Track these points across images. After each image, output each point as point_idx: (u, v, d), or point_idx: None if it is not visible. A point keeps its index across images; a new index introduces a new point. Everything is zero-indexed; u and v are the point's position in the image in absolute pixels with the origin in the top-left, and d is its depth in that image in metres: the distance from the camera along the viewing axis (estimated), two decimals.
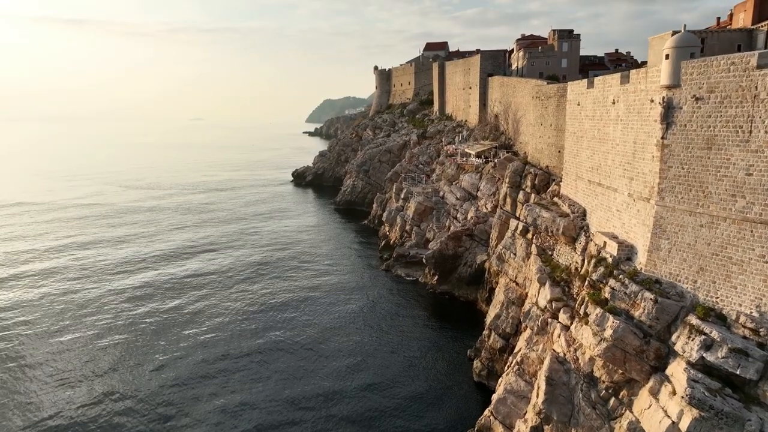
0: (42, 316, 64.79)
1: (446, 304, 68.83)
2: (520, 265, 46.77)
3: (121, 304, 69.33)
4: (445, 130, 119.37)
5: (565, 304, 36.63)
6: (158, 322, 63.09)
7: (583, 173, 40.35)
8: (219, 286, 75.80)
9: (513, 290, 47.48)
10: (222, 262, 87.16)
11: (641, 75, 31.34)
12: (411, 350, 55.51)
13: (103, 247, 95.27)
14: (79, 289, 74.44)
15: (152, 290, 73.99)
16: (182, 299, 70.73)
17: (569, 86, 44.40)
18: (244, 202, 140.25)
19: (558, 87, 55.22)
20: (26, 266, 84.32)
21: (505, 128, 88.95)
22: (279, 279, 78.80)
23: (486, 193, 77.48)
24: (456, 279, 71.45)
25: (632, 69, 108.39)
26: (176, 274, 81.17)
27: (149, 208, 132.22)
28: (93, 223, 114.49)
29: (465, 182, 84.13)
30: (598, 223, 37.05)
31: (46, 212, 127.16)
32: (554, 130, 55.87)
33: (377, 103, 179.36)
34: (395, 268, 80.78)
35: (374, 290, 74.00)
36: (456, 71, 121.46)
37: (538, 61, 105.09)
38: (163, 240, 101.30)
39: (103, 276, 79.72)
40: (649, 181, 30.21)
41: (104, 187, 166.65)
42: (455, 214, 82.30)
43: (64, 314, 65.53)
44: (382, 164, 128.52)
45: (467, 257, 71.93)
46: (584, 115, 40.28)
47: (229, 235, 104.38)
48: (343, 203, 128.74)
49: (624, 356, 28.25)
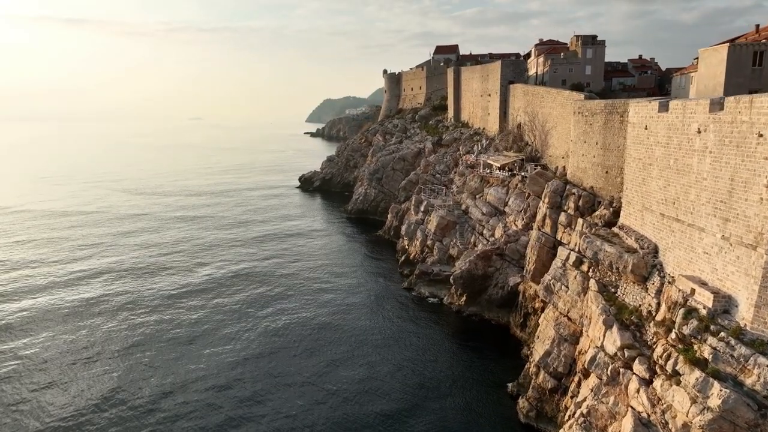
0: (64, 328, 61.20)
1: (476, 328, 65.33)
2: (573, 299, 43.22)
3: (115, 312, 66.93)
4: (462, 138, 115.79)
5: (640, 353, 33.10)
6: (136, 342, 59.58)
7: (653, 205, 36.79)
8: (224, 301, 71.93)
9: (565, 326, 43.93)
10: (228, 274, 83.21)
11: (743, 104, 27.73)
12: (441, 379, 52.04)
13: (105, 256, 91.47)
14: (81, 296, 70.76)
15: (138, 305, 70.66)
16: (179, 315, 67.25)
17: (632, 107, 40.80)
18: (250, 209, 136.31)
19: (606, 104, 51.64)
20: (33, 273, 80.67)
21: (531, 140, 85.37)
22: (290, 295, 75.04)
23: (515, 209, 73.91)
24: (486, 301, 67.91)
25: (657, 75, 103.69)
26: (169, 289, 77.57)
27: (152, 216, 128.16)
28: (96, 230, 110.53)
29: (490, 196, 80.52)
30: (677, 264, 33.50)
31: (50, 218, 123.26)
32: (601, 149, 52.32)
33: (387, 108, 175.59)
34: (418, 287, 77.22)
35: (396, 310, 70.45)
36: (473, 77, 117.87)
37: (561, 68, 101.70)
38: (160, 253, 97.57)
39: (105, 283, 76.07)
40: (756, 225, 26.66)
41: (106, 192, 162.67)
42: (481, 230, 78.74)
43: (79, 324, 61.91)
44: (395, 172, 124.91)
45: (498, 278, 68.37)
46: (654, 141, 36.72)
47: (235, 245, 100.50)
48: (355, 212, 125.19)
49: (734, 429, 24.75)
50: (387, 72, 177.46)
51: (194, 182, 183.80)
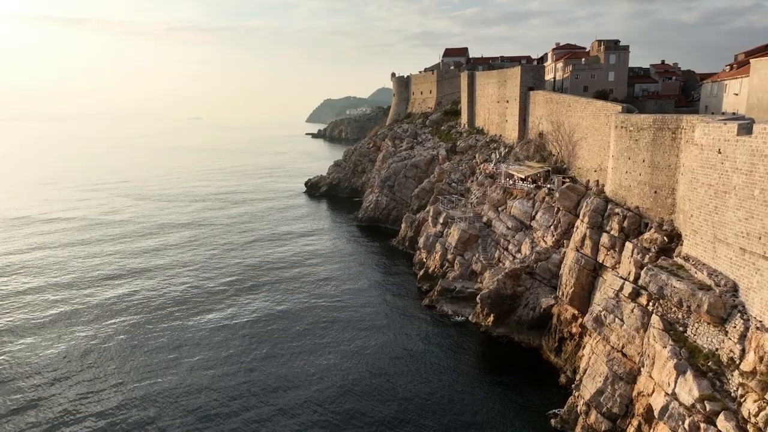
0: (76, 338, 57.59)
1: (505, 351, 61.84)
2: (630, 334, 39.69)
3: (130, 323, 62.63)
4: (478, 145, 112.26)
5: (724, 406, 29.65)
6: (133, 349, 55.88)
7: (729, 237, 33.31)
8: (230, 323, 68.08)
9: (619, 363, 40.43)
10: (235, 291, 79.45)
11: None
12: (477, 409, 48.70)
13: (107, 265, 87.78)
14: (88, 303, 67.17)
15: (138, 313, 66.87)
16: (174, 338, 63.47)
17: (698, 126, 37.27)
18: (257, 217, 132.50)
19: (654, 119, 48.16)
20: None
21: (556, 150, 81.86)
22: (302, 315, 71.47)
23: (543, 224, 70.45)
24: (515, 322, 64.40)
25: (681, 82, 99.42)
26: (171, 297, 74.50)
27: (156, 224, 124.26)
28: (100, 238, 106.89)
29: (515, 209, 77.04)
30: (766, 308, 30.01)
31: (53, 225, 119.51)
32: (648, 167, 48.84)
33: (395, 111, 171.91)
34: (440, 304, 73.64)
35: (420, 330, 66.86)
36: (489, 83, 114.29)
37: (582, 74, 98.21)
38: (168, 258, 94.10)
39: (102, 285, 72.50)
40: None
41: (109, 198, 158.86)
42: (506, 245, 75.25)
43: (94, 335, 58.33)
44: (407, 179, 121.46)
45: (528, 298, 64.86)
46: (731, 167, 33.24)
47: (243, 258, 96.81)
48: (366, 220, 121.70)
49: None
50: (395, 75, 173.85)
51: (197, 187, 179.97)
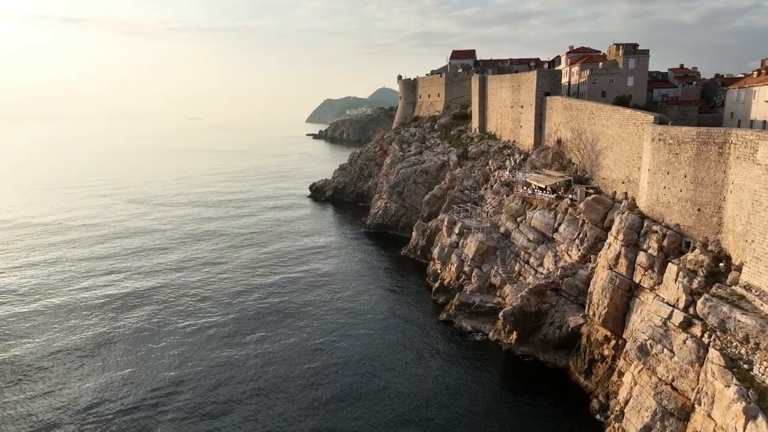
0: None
1: (530, 371, 58.81)
2: (683, 368, 36.77)
3: (135, 336, 59.57)
4: (491, 151, 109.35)
5: None
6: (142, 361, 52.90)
7: None
8: (235, 340, 64.91)
9: (669, 397, 37.51)
10: (240, 304, 76.23)
11: None
12: None
13: (107, 273, 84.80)
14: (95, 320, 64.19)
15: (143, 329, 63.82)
16: (183, 354, 60.44)
17: (763, 145, 34.39)
18: (261, 222, 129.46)
19: (698, 132, 45.26)
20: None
21: (577, 159, 78.96)
22: (312, 325, 68.70)
23: (567, 237, 67.55)
24: (540, 341, 61.42)
25: (702, 87, 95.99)
26: (167, 318, 71.45)
27: (159, 230, 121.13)
28: (104, 246, 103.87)
29: (536, 221, 74.12)
30: None
31: (54, 234, 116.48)
32: (691, 183, 45.96)
33: (402, 115, 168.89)
34: (458, 319, 70.65)
35: (438, 349, 63.66)
36: (501, 87, 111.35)
37: (600, 79, 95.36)
38: (168, 265, 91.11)
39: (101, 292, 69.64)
40: None
41: (111, 202, 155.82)
42: (527, 257, 72.37)
43: None
44: (417, 185, 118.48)
45: (554, 316, 61.93)
46: None
47: (248, 267, 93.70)
48: (374, 226, 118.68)
49: None
50: (402, 78, 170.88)
51: (199, 191, 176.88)
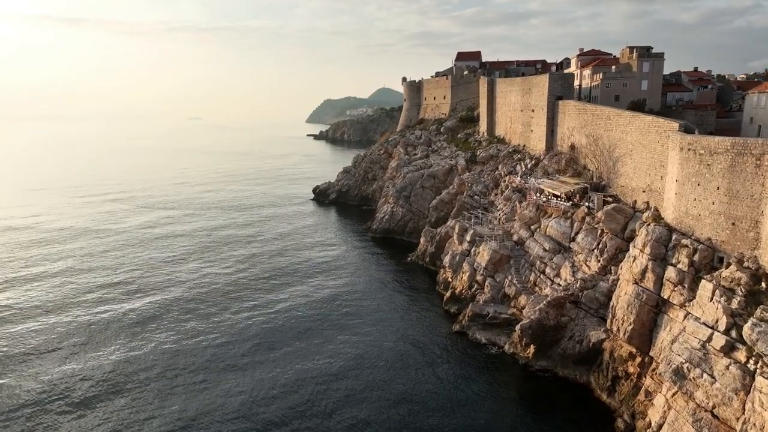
0: None
1: (549, 387, 56.77)
2: (726, 395, 34.83)
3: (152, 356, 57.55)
4: (500, 156, 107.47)
5: None
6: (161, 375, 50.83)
7: None
8: (236, 351, 62.91)
9: (710, 425, 35.59)
10: (244, 315, 73.99)
11: None
12: None
13: (106, 280, 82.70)
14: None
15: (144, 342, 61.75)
16: (190, 363, 58.39)
17: None
18: (263, 225, 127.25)
19: (733, 142, 43.37)
20: None
21: (593, 165, 77.04)
22: (319, 335, 66.74)
23: (585, 247, 65.62)
24: (559, 355, 59.43)
25: (717, 90, 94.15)
26: (175, 313, 69.50)
27: (161, 236, 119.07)
28: (106, 253, 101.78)
29: (551, 229, 72.18)
30: None
31: (55, 233, 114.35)
32: (725, 195, 44.07)
33: (407, 117, 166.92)
34: (472, 331, 68.63)
35: (452, 362, 61.39)
36: (511, 90, 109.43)
37: (614, 83, 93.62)
38: (168, 269, 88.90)
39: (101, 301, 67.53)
40: None
41: (112, 207, 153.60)
42: (543, 267, 70.40)
43: None
44: (425, 190, 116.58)
45: (574, 329, 59.98)
46: None
47: (249, 269, 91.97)
48: (380, 231, 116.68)
49: None
50: (406, 79, 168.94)
51: (200, 193, 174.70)
